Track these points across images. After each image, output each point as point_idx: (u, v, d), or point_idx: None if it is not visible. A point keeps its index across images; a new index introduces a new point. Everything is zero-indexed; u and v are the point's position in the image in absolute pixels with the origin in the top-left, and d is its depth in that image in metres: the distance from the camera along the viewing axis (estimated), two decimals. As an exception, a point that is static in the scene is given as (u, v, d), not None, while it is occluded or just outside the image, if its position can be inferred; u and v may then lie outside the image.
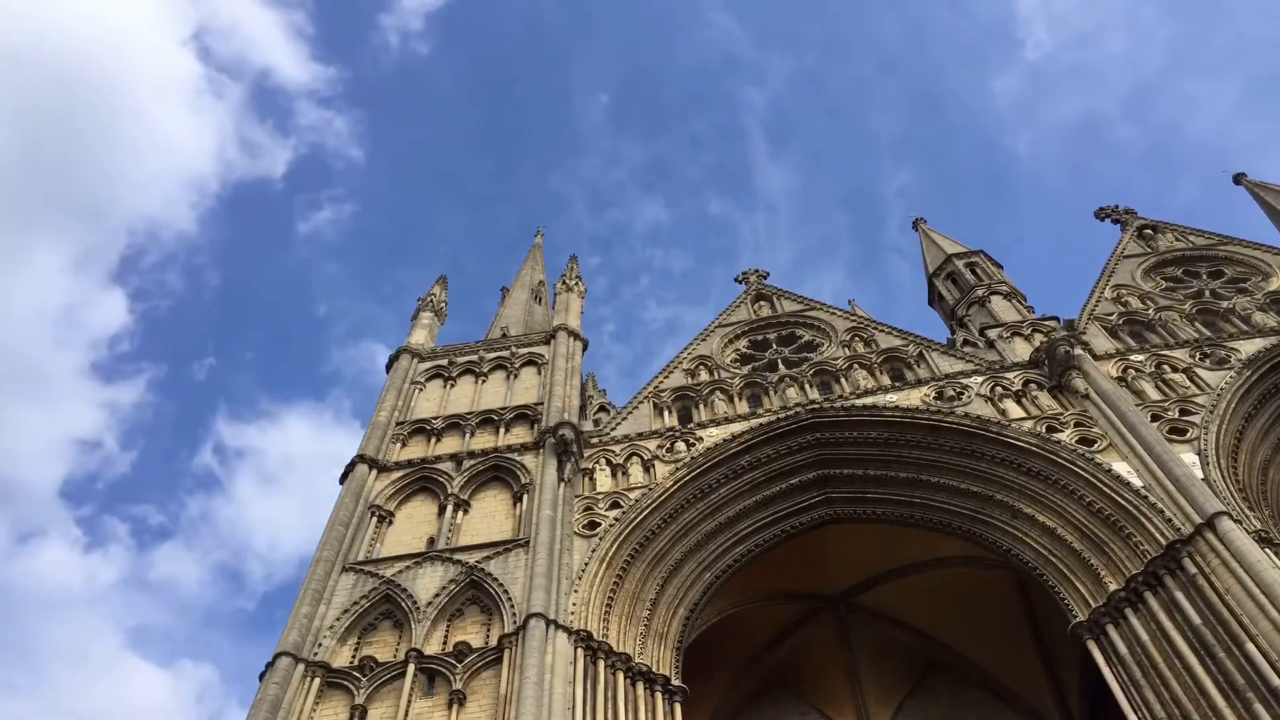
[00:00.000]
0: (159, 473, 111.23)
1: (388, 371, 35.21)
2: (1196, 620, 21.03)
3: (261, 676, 22.19)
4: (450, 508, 27.57)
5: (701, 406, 31.79)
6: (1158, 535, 22.80)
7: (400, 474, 29.33)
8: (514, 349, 35.83)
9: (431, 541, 26.49)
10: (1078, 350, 28.89)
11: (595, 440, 30.12)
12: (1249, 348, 28.91)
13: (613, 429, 30.86)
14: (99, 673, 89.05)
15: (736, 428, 29.28)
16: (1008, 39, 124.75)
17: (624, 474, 28.59)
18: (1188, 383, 28.00)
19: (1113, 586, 23.03)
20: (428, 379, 34.92)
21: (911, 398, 29.55)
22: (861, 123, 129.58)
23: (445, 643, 23.03)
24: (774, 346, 35.72)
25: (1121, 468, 24.74)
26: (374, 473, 29.23)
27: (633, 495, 27.29)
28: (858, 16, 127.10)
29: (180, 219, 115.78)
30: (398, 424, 31.71)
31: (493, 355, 35.69)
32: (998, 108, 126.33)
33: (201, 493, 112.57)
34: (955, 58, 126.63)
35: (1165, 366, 28.98)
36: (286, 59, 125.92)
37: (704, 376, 33.79)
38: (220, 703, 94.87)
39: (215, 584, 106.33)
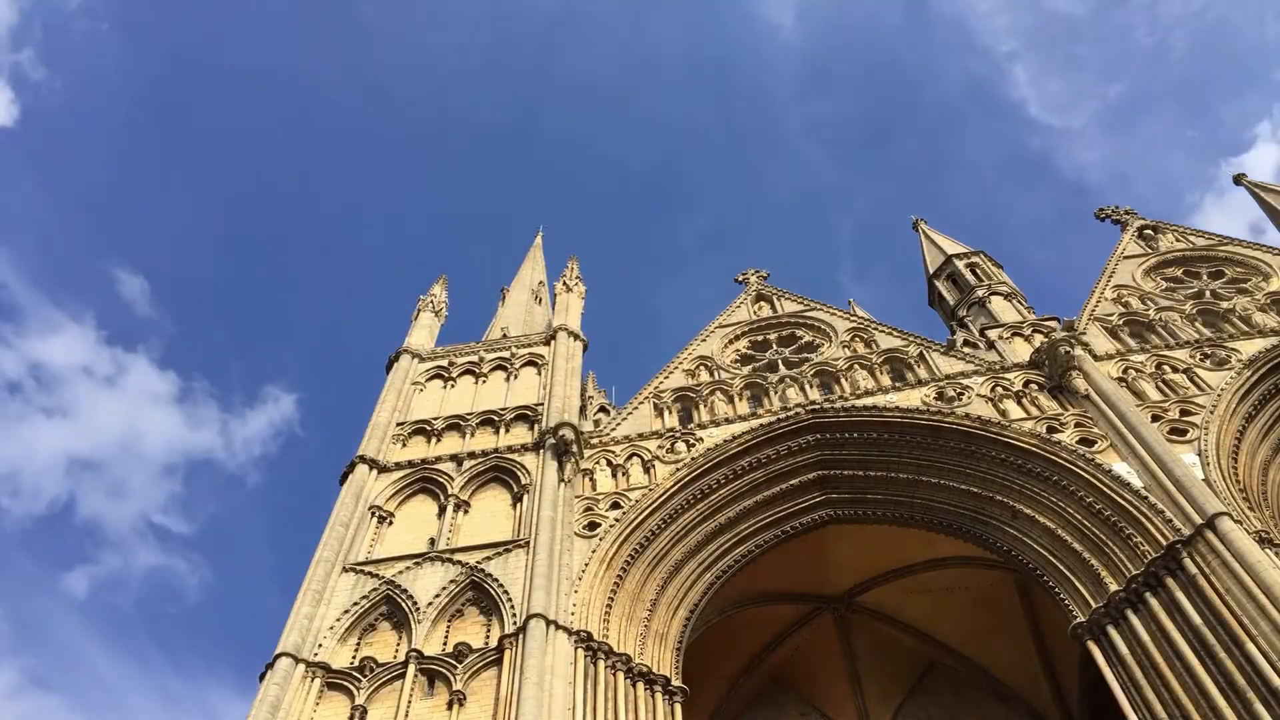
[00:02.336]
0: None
1: (387, 372, 35.21)
2: (1197, 621, 21.01)
3: (261, 677, 22.18)
4: (450, 508, 27.58)
5: (702, 407, 31.78)
6: (1158, 536, 22.79)
7: (400, 474, 29.33)
8: (514, 349, 35.83)
9: (432, 542, 26.49)
10: (1078, 351, 28.87)
11: (595, 441, 30.11)
12: (1249, 348, 28.89)
13: (613, 429, 30.86)
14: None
15: (737, 428, 29.27)
16: (1077, 215, 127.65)
17: (624, 474, 28.57)
18: (1188, 383, 27.98)
19: (1113, 587, 23.01)
20: (428, 379, 34.94)
21: (912, 398, 29.55)
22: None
23: (445, 643, 23.02)
24: (774, 347, 35.69)
25: (1121, 468, 24.72)
26: (374, 473, 29.23)
27: (633, 496, 27.28)
28: (939, 153, 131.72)
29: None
30: (398, 424, 31.71)
31: (493, 356, 35.70)
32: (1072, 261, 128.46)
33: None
34: (1030, 229, 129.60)
35: (1166, 367, 28.96)
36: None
37: (704, 377, 33.79)
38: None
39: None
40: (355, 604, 24.34)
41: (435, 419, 31.91)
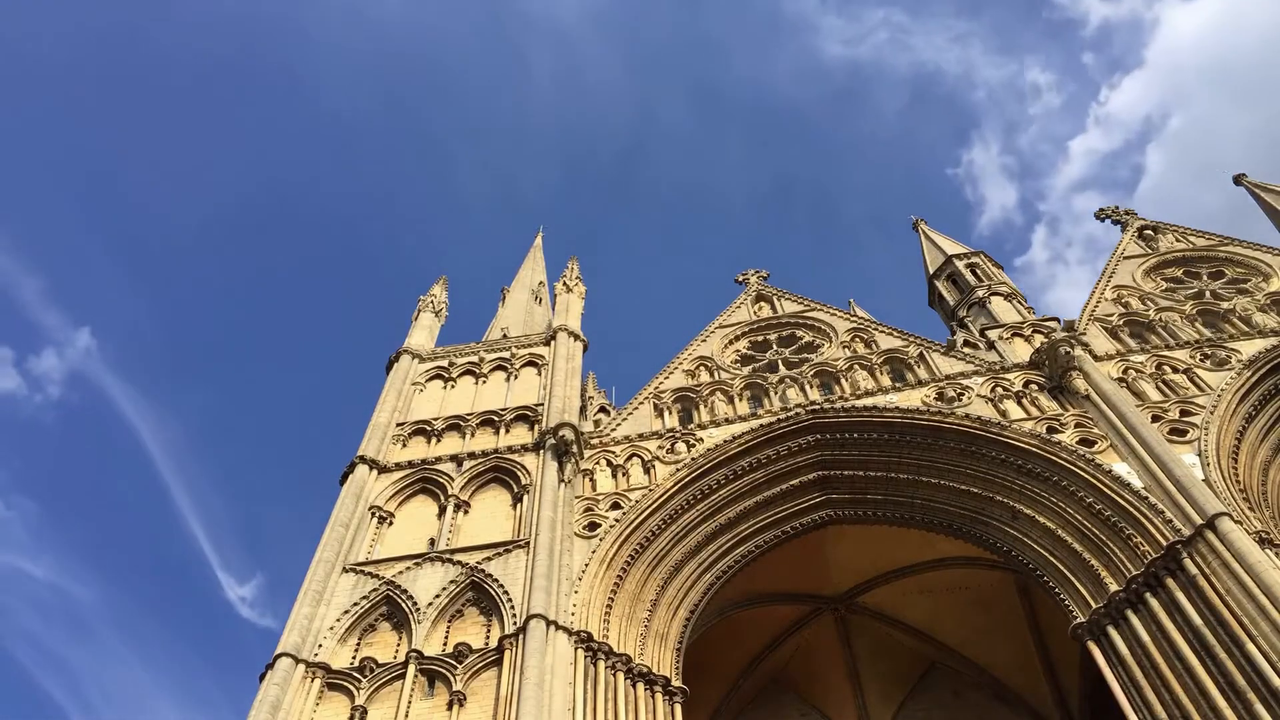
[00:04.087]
0: None
1: (387, 372, 35.19)
2: (1197, 621, 21.02)
3: (262, 677, 22.18)
4: (450, 508, 27.57)
5: (702, 407, 31.77)
6: (1158, 536, 22.79)
7: (400, 475, 29.32)
8: (514, 350, 35.81)
9: (432, 542, 26.49)
10: (1078, 351, 28.87)
11: (595, 441, 30.11)
12: (1249, 348, 28.89)
13: (613, 430, 30.85)
14: None
15: (737, 428, 29.26)
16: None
17: (624, 475, 28.57)
18: (1188, 384, 27.99)
19: (1113, 587, 23.02)
20: (428, 379, 34.93)
21: (912, 399, 29.54)
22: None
23: (445, 644, 23.03)
24: (774, 347, 35.68)
25: (1122, 469, 24.72)
26: (374, 473, 29.22)
27: (633, 496, 27.27)
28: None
29: None
30: (398, 425, 31.70)
31: (493, 356, 35.68)
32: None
33: None
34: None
35: (1166, 367, 28.97)
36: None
37: (704, 377, 33.77)
38: None
39: None
40: (355, 604, 24.33)
41: (435, 419, 31.89)
